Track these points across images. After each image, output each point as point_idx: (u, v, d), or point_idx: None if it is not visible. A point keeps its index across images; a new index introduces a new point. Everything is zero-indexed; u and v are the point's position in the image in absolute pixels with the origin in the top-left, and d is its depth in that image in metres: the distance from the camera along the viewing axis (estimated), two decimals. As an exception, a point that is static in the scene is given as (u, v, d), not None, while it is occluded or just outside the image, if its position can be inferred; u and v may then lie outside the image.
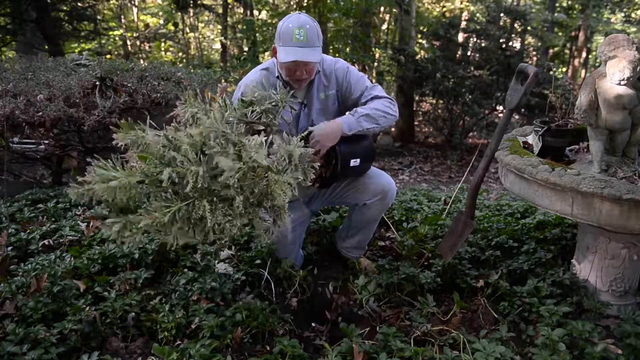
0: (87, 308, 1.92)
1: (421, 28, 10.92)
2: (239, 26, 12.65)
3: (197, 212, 1.53)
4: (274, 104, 1.81)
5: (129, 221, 1.53)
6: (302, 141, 1.95)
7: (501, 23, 9.55)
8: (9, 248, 2.37)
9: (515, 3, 13.28)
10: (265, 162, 1.58)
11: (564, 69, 15.87)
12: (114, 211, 1.56)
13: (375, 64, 11.78)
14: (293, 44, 2.05)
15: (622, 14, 14.29)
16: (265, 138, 1.68)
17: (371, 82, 2.37)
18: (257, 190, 1.61)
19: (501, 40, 9.18)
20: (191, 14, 14.40)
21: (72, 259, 2.27)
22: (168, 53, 16.18)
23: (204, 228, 1.58)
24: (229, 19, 13.35)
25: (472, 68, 9.22)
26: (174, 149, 1.55)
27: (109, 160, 1.55)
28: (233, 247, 2.50)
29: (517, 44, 10.76)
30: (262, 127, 1.76)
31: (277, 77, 2.21)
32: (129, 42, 14.99)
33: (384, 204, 2.43)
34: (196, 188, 1.52)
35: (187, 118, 1.67)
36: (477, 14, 10.99)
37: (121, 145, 1.58)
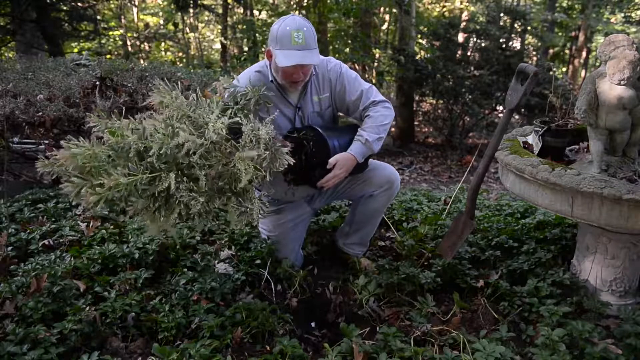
0: (87, 308, 1.91)
1: (421, 28, 10.92)
2: (239, 26, 12.65)
3: (162, 184, 1.53)
4: (248, 98, 1.83)
5: (90, 183, 1.53)
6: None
7: (501, 23, 9.54)
8: (9, 248, 2.37)
9: (515, 3, 13.28)
10: (223, 132, 1.59)
11: (564, 69, 15.87)
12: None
13: (375, 64, 11.79)
14: (292, 47, 2.02)
15: (622, 14, 14.28)
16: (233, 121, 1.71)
17: (365, 81, 2.36)
18: (221, 169, 1.61)
19: (501, 40, 9.16)
20: (191, 14, 14.41)
21: (72, 259, 2.27)
22: (168, 53, 16.18)
23: (170, 207, 1.58)
24: (229, 19, 13.36)
25: (472, 68, 9.21)
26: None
27: (80, 138, 1.57)
28: (233, 247, 2.50)
29: (517, 44, 10.75)
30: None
31: (271, 80, 2.18)
32: (129, 42, 15.00)
33: (390, 194, 2.44)
34: (161, 158, 1.52)
35: (157, 106, 1.69)
36: (477, 14, 10.99)
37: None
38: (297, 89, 2.21)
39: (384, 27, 13.38)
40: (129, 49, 14.67)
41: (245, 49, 12.53)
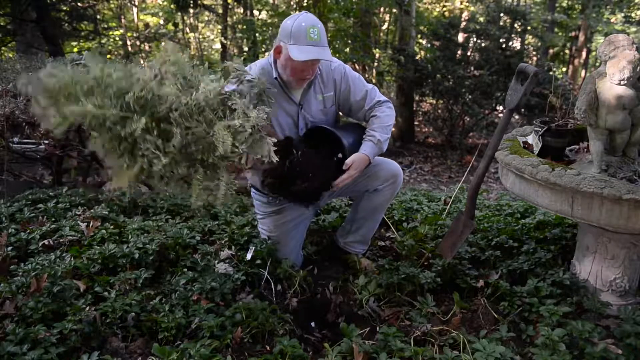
0: (87, 308, 1.91)
1: (421, 28, 10.91)
2: (239, 26, 12.65)
3: (130, 126, 1.53)
4: (253, 85, 1.83)
5: (59, 106, 1.53)
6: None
7: (501, 23, 9.54)
8: (9, 248, 2.37)
9: (515, 3, 13.28)
10: (211, 95, 1.59)
11: (564, 69, 15.87)
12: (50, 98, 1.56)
13: (375, 64, 11.78)
14: (308, 43, 2.04)
15: (622, 14, 14.28)
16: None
17: (365, 81, 2.39)
18: (198, 134, 1.61)
19: (501, 40, 9.16)
20: (191, 14, 14.40)
21: (72, 259, 2.27)
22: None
23: (134, 158, 1.58)
24: (229, 19, 13.35)
25: (472, 68, 9.21)
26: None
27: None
28: (233, 247, 2.50)
29: (517, 44, 10.75)
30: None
31: (275, 78, 2.18)
32: (129, 42, 14.99)
33: (394, 188, 2.45)
34: (139, 101, 1.53)
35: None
36: (477, 14, 10.99)
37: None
38: (302, 87, 2.22)
39: (384, 27, 13.38)
40: (129, 49, 14.65)
41: (245, 49, 12.52)
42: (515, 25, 9.60)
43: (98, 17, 11.81)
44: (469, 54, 9.56)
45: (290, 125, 2.27)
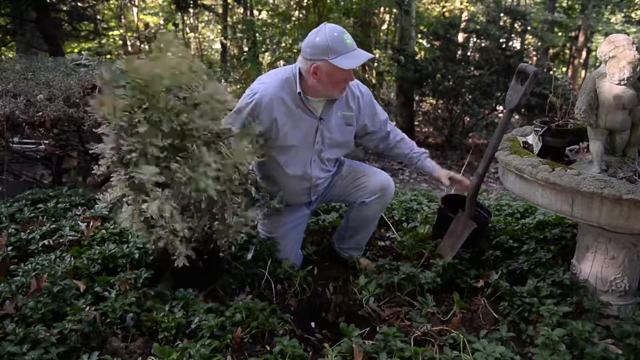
0: (87, 308, 1.91)
1: (421, 28, 10.91)
2: (239, 26, 12.64)
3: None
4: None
5: None
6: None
7: (501, 23, 9.54)
8: (9, 248, 2.37)
9: (515, 3, 13.29)
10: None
11: (564, 69, 15.87)
12: None
13: (375, 64, 11.78)
14: (350, 49, 2.05)
15: (622, 14, 14.28)
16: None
17: (365, 81, 2.44)
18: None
19: (501, 40, 9.17)
20: (191, 14, 14.40)
21: (72, 259, 2.27)
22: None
23: None
24: (229, 19, 13.35)
25: (472, 68, 9.22)
26: None
27: None
28: (233, 247, 2.49)
29: (517, 44, 10.76)
30: None
31: (299, 93, 2.16)
32: (129, 42, 14.99)
33: (383, 202, 2.44)
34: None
35: None
36: (477, 14, 10.99)
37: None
38: (322, 101, 2.22)
39: (384, 27, 13.37)
40: (129, 49, 14.65)
41: (245, 49, 12.51)
42: (515, 25, 9.62)
43: (98, 17, 11.82)
44: (469, 54, 9.57)
45: (308, 139, 2.25)
